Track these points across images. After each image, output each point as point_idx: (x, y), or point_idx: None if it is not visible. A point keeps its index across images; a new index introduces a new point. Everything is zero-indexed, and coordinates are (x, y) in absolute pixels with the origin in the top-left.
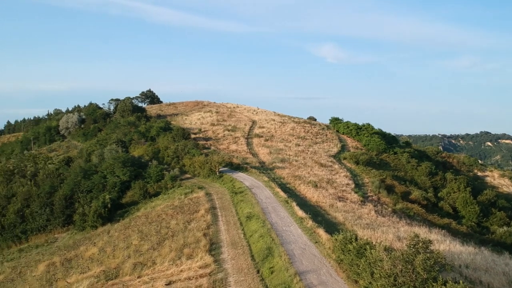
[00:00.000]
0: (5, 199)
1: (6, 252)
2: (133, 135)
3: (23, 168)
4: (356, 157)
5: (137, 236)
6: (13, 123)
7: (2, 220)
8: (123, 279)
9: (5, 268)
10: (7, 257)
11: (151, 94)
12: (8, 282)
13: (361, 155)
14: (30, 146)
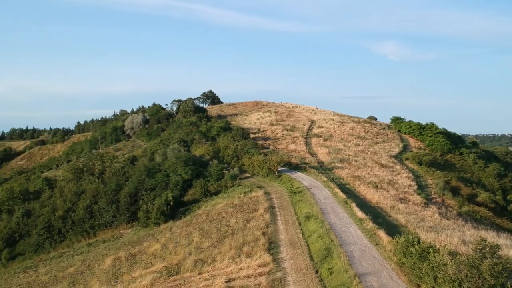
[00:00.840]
0: (75, 195)
1: (76, 246)
2: (194, 135)
3: (92, 166)
4: (419, 157)
5: (198, 233)
6: (83, 123)
7: (73, 216)
8: (184, 275)
9: (76, 261)
10: (77, 251)
11: (212, 95)
12: (78, 274)
13: (424, 155)
14: (98, 145)
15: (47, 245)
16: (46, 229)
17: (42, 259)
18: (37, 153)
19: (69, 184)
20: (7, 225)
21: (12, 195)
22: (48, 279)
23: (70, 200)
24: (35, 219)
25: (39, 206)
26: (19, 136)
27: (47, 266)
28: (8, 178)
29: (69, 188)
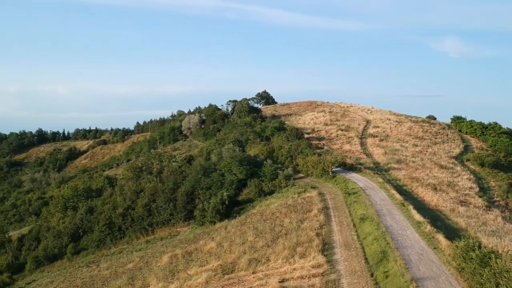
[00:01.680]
0: (134, 193)
1: (135, 243)
2: (249, 135)
3: (150, 165)
4: (481, 158)
5: (252, 232)
6: (142, 124)
7: (132, 213)
8: (239, 274)
9: (134, 257)
10: (136, 247)
11: (266, 95)
12: (137, 270)
13: (486, 156)
14: (156, 145)
15: (108, 241)
16: (107, 225)
17: (103, 254)
18: (99, 153)
19: (128, 182)
20: (72, 221)
21: (77, 193)
22: (109, 274)
23: (129, 198)
24: (97, 216)
25: (101, 204)
26: (83, 136)
27: (108, 262)
28: (73, 176)
29: (128, 186)
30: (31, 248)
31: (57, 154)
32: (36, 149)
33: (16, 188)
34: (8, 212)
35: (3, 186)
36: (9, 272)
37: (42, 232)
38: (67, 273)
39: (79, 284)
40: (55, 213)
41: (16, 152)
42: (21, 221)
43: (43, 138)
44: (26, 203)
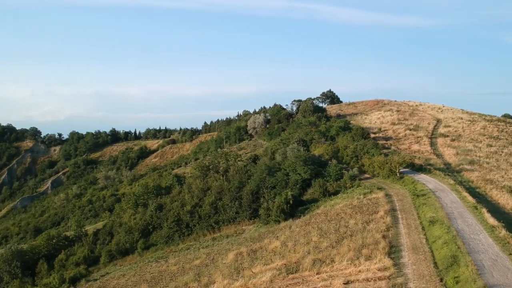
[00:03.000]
0: (202, 191)
1: (202, 240)
2: (313, 135)
3: (217, 164)
4: None
5: (316, 233)
6: (209, 123)
7: (199, 211)
8: (303, 274)
9: (201, 254)
10: (203, 244)
11: (331, 94)
12: (203, 267)
13: None
14: (222, 145)
15: (176, 237)
16: (175, 222)
17: (171, 250)
18: (169, 152)
19: (196, 181)
20: (142, 217)
21: (147, 190)
22: (176, 269)
23: (197, 196)
24: (166, 212)
25: (170, 201)
26: (153, 135)
27: (176, 257)
28: (144, 174)
29: (196, 184)
30: (105, 242)
31: (129, 153)
32: (109, 148)
33: (91, 185)
34: (84, 208)
35: (80, 183)
36: (85, 264)
37: (115, 227)
38: (138, 267)
39: (148, 279)
40: (127, 209)
41: (92, 151)
42: (96, 216)
43: (116, 137)
44: (100, 200)
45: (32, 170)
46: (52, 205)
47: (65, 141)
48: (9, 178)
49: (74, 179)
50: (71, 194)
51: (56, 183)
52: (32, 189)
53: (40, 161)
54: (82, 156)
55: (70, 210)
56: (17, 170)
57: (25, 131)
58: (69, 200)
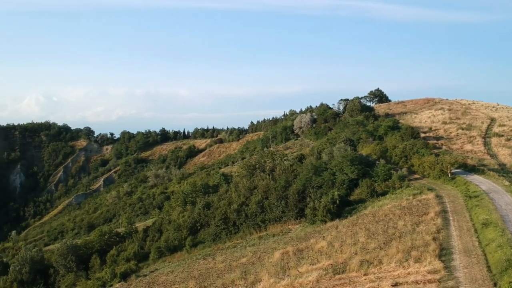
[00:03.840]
0: (248, 190)
1: (249, 238)
2: (361, 134)
3: (263, 163)
4: None
5: (364, 233)
6: (255, 123)
7: (246, 209)
8: (350, 275)
9: (248, 252)
10: (249, 242)
11: (379, 93)
12: (250, 265)
13: None
14: (269, 144)
15: (223, 235)
16: (222, 220)
17: (219, 248)
18: (216, 151)
19: (243, 179)
20: (190, 215)
21: (195, 188)
22: (223, 267)
23: (243, 194)
24: (213, 211)
25: (217, 199)
26: (201, 135)
27: (223, 255)
28: (192, 173)
29: (243, 183)
30: (154, 239)
31: (178, 152)
32: (159, 147)
33: (142, 183)
34: (135, 205)
35: (131, 181)
36: (135, 260)
37: (164, 224)
38: (186, 264)
39: (196, 275)
40: (176, 207)
41: (142, 150)
42: (146, 213)
43: (166, 137)
44: (150, 197)
45: (86, 168)
46: (104, 202)
47: (117, 140)
48: (65, 176)
49: (125, 177)
50: (122, 191)
51: (108, 181)
52: (85, 187)
53: (93, 159)
54: (133, 155)
55: (121, 207)
56: (72, 168)
57: (79, 130)
58: (120, 198)
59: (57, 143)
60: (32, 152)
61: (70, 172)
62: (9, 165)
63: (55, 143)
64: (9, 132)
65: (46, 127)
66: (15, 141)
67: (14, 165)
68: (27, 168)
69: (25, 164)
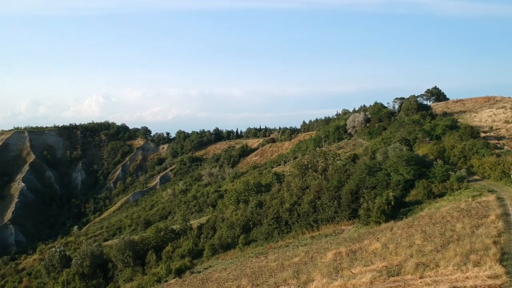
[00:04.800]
0: (300, 190)
1: (301, 238)
2: (417, 134)
3: (315, 163)
4: None
5: (420, 236)
6: (308, 123)
7: (298, 209)
8: (405, 277)
9: (300, 252)
10: (302, 242)
11: (437, 91)
12: (302, 264)
13: None
14: (321, 144)
15: (275, 234)
16: (275, 219)
17: (271, 247)
18: (268, 150)
19: (295, 179)
20: (243, 213)
21: (248, 187)
22: (276, 266)
23: (296, 194)
24: (266, 210)
25: (269, 198)
26: (254, 134)
27: (275, 254)
28: (245, 172)
29: (295, 183)
30: (208, 236)
31: (231, 151)
32: (213, 146)
33: (196, 181)
34: (189, 203)
35: (186, 179)
36: (189, 256)
37: (218, 222)
38: (239, 262)
39: (248, 273)
40: (229, 205)
41: (197, 149)
42: (200, 211)
43: (219, 136)
44: (204, 195)
45: (143, 166)
46: (160, 199)
47: (173, 139)
48: (123, 174)
49: (180, 175)
50: (178, 189)
51: (164, 179)
52: (142, 184)
53: (150, 158)
54: (188, 153)
55: (177, 205)
56: (130, 166)
57: (137, 130)
58: (175, 195)
59: (116, 142)
60: (93, 151)
61: (128, 170)
62: (71, 163)
63: (114, 142)
64: (72, 131)
65: (105, 126)
66: (76, 140)
67: (76, 163)
68: (88, 166)
69: (86, 163)
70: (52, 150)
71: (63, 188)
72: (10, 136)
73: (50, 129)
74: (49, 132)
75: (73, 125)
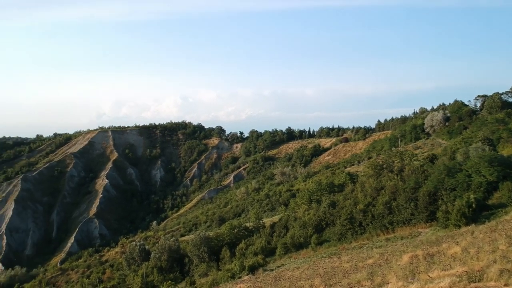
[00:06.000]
0: (375, 191)
1: (375, 240)
2: (501, 133)
3: (391, 163)
4: None
5: (504, 241)
6: (383, 122)
7: (372, 210)
8: (487, 284)
9: (374, 254)
10: (376, 244)
11: None
12: (376, 266)
13: None
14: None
15: (349, 235)
16: (348, 220)
17: (344, 247)
18: (341, 150)
19: (369, 179)
20: (315, 213)
21: (320, 187)
22: (349, 267)
23: (370, 195)
24: (338, 210)
25: (343, 199)
26: (326, 134)
27: (349, 255)
28: (317, 171)
29: (369, 183)
30: (280, 235)
31: (303, 150)
32: (285, 146)
33: (269, 180)
34: (262, 201)
35: (259, 178)
36: (262, 254)
37: (290, 221)
38: (311, 261)
39: (321, 273)
40: (301, 204)
41: (269, 148)
42: (272, 210)
43: (291, 135)
44: (276, 194)
45: (218, 165)
46: (234, 197)
47: (246, 138)
48: (199, 172)
49: (253, 174)
50: (251, 188)
51: (238, 178)
52: (217, 182)
53: (224, 157)
54: (261, 153)
55: (250, 203)
56: (205, 164)
57: (212, 129)
58: (248, 194)
59: (192, 141)
60: (171, 149)
61: (203, 168)
62: (151, 161)
63: (190, 141)
64: (151, 131)
65: (182, 126)
66: (156, 139)
67: (155, 161)
68: (166, 164)
69: (165, 161)
70: (133, 148)
71: (143, 184)
72: (96, 135)
73: (131, 129)
74: (130, 131)
75: (152, 124)
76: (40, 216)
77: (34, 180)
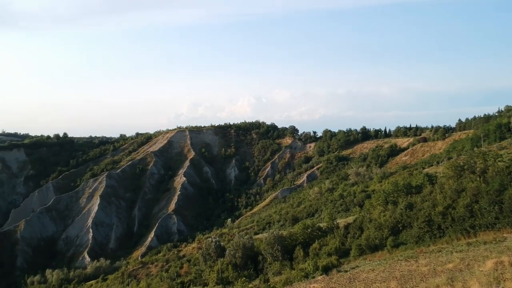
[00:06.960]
0: (455, 193)
1: (455, 243)
2: None
3: (473, 164)
4: None
5: None
6: (464, 121)
7: (452, 213)
8: None
9: (454, 258)
10: (456, 248)
11: None
12: (457, 271)
13: None
14: (479, 143)
15: (427, 238)
16: (426, 223)
17: (422, 251)
18: (419, 150)
19: (449, 181)
20: (392, 215)
21: (397, 188)
22: (427, 270)
23: (449, 197)
24: (416, 212)
25: (420, 200)
26: (403, 133)
27: (427, 259)
28: (393, 172)
29: (449, 185)
30: (355, 236)
31: (379, 150)
32: (360, 146)
33: (343, 180)
34: (336, 202)
35: (332, 178)
36: (336, 255)
37: (365, 222)
38: (387, 264)
39: (397, 276)
40: (377, 206)
41: (343, 148)
42: (347, 210)
43: (366, 135)
44: (351, 195)
45: (291, 164)
46: (307, 197)
47: (319, 138)
48: (272, 171)
49: (326, 174)
50: (324, 188)
51: (311, 177)
52: (290, 182)
53: (297, 156)
54: (334, 152)
55: (323, 203)
56: (278, 164)
57: (285, 129)
58: (322, 194)
59: (266, 141)
60: (245, 149)
61: (276, 168)
62: (226, 160)
63: (264, 141)
64: (226, 130)
65: (256, 126)
66: (230, 138)
67: (230, 160)
68: (240, 163)
69: (239, 160)
70: (209, 147)
71: (218, 183)
72: (174, 134)
73: (207, 128)
74: (206, 131)
75: (227, 124)
76: (123, 211)
77: (118, 177)
